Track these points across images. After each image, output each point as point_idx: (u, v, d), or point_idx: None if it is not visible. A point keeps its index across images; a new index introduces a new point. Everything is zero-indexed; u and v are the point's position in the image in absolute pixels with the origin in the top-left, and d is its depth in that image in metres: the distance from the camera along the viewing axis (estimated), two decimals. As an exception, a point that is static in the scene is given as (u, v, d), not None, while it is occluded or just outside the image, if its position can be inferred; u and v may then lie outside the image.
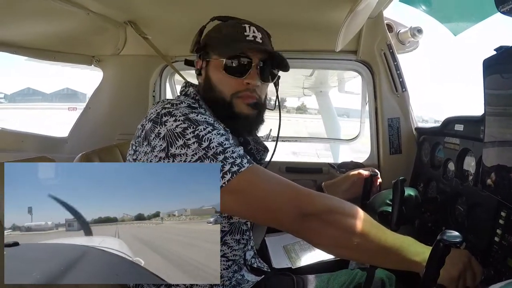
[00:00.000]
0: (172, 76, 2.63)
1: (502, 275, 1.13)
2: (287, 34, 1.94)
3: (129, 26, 2.06)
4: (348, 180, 1.73)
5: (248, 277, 1.41)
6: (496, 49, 1.10)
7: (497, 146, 1.16)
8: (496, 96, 1.15)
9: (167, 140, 1.05)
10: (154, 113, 1.12)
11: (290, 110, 56.75)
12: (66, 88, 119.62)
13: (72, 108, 39.75)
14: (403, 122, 2.14)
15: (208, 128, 1.07)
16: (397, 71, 2.12)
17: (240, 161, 1.04)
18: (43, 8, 1.66)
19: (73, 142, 2.55)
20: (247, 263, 1.47)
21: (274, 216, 1.06)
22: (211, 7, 1.34)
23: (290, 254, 1.73)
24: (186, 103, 1.15)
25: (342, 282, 1.43)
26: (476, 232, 1.33)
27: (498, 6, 0.99)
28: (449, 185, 1.60)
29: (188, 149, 1.03)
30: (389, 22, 2.20)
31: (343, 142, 3.60)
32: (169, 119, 1.08)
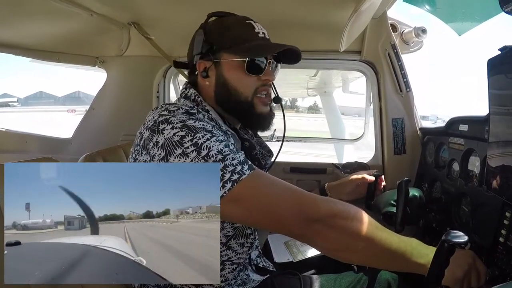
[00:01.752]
0: (176, 77, 2.63)
1: (507, 276, 1.12)
2: (291, 34, 1.94)
3: (133, 27, 2.07)
4: (353, 183, 1.73)
5: (254, 276, 1.41)
6: (500, 48, 1.10)
7: (502, 146, 1.15)
8: (501, 96, 1.14)
9: (166, 149, 1.04)
10: (151, 120, 1.10)
11: (302, 110, 56.55)
12: (77, 91, 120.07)
13: (71, 110, 40.02)
14: (407, 122, 2.14)
15: (206, 135, 1.05)
16: (401, 71, 2.11)
17: (240, 168, 1.03)
18: (46, 9, 1.67)
19: (77, 143, 2.57)
20: (252, 263, 1.47)
21: (278, 222, 1.05)
22: (214, 7, 1.33)
23: (292, 249, 1.73)
24: (183, 108, 1.13)
25: (349, 282, 1.42)
26: (480, 233, 1.32)
27: (502, 6, 0.98)
28: (453, 185, 1.60)
29: (187, 158, 1.02)
30: (393, 22, 2.19)
31: (347, 142, 3.60)
32: (166, 127, 1.06)
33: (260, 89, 1.27)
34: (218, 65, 1.26)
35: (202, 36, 1.27)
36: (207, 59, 1.26)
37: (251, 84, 1.26)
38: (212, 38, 1.26)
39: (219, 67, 1.26)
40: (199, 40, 1.27)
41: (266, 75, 1.27)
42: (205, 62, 1.26)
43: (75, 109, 37.65)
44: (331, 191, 1.76)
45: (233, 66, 1.25)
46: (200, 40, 1.27)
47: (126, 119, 2.45)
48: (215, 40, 1.26)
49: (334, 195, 1.73)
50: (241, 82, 1.25)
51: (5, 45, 2.15)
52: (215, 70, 1.26)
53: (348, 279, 1.43)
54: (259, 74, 1.26)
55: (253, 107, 1.27)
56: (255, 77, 1.26)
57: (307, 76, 5.06)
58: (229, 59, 1.24)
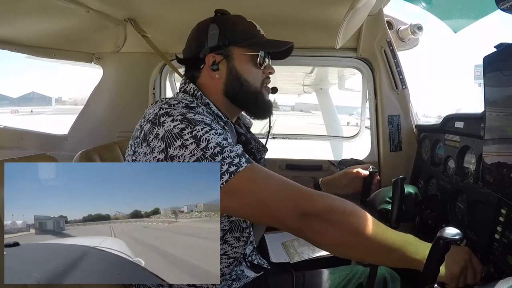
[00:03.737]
0: (172, 74, 2.62)
1: (502, 273, 1.12)
2: (287, 31, 1.94)
3: (129, 23, 2.06)
4: (347, 176, 1.74)
5: (248, 273, 1.42)
6: (496, 46, 1.10)
7: (497, 143, 1.16)
8: (497, 93, 1.14)
9: (166, 141, 1.05)
10: (152, 113, 1.12)
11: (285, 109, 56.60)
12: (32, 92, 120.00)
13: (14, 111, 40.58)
14: (403, 119, 2.14)
15: (205, 128, 1.07)
16: (397, 68, 2.11)
17: (238, 160, 1.04)
18: (43, 5, 1.66)
19: (73, 140, 2.56)
20: (247, 258, 1.48)
21: (274, 215, 1.05)
22: (210, 4, 1.33)
23: (289, 250, 1.73)
24: (183, 102, 1.15)
25: (342, 277, 1.43)
26: (476, 230, 1.33)
27: (498, 3, 0.98)
28: (449, 182, 1.60)
29: (186, 150, 1.03)
30: (389, 19, 2.19)
31: (343, 140, 3.60)
32: (166, 119, 1.08)
33: (265, 81, 1.38)
34: (229, 59, 1.31)
35: (217, 30, 1.30)
36: (218, 52, 1.30)
37: (260, 76, 1.36)
38: (226, 32, 1.30)
39: (231, 60, 1.31)
40: (214, 34, 1.30)
41: (269, 68, 1.38)
42: (216, 56, 1.30)
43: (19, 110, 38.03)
44: (325, 185, 1.77)
45: (245, 59, 1.32)
46: (215, 34, 1.30)
47: (122, 115, 2.44)
48: (228, 34, 1.30)
49: (328, 190, 1.74)
50: (252, 74, 1.34)
51: (1, 41, 2.14)
52: (226, 63, 1.31)
53: (341, 273, 1.44)
54: (264, 67, 1.36)
55: (262, 96, 1.37)
56: (262, 70, 1.36)
57: (303, 73, 5.06)
58: (242, 53, 1.32)
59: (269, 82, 1.41)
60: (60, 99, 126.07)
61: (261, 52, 1.32)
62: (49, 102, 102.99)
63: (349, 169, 1.77)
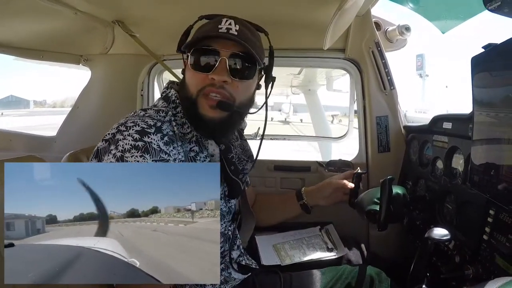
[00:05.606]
0: (160, 75, 2.60)
1: (491, 273, 1.13)
2: (275, 32, 1.93)
3: (117, 25, 2.03)
4: (331, 186, 1.74)
5: (235, 275, 1.41)
6: (484, 46, 1.10)
7: (486, 144, 1.16)
8: (485, 94, 1.15)
9: None
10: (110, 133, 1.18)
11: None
12: (10, 95, 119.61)
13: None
14: (391, 120, 2.14)
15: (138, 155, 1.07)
16: (385, 69, 2.11)
17: None
18: (30, 7, 1.65)
19: (62, 141, 2.53)
20: (234, 262, 1.46)
21: None
22: (200, 5, 1.32)
23: (280, 252, 1.72)
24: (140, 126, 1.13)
25: (330, 278, 1.44)
26: (465, 230, 1.33)
27: (486, 4, 0.99)
28: (437, 183, 1.61)
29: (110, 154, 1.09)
30: (377, 20, 2.20)
31: (331, 140, 3.60)
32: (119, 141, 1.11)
33: (207, 89, 1.19)
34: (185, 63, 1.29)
35: (184, 35, 1.32)
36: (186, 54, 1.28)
37: (197, 81, 1.21)
38: (189, 34, 1.32)
39: (185, 65, 1.30)
40: (180, 39, 1.32)
41: (215, 73, 1.18)
42: (184, 61, 1.31)
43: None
44: (308, 195, 1.77)
45: (185, 63, 1.28)
46: (180, 39, 1.32)
47: (111, 117, 2.39)
48: (189, 37, 1.31)
49: (311, 200, 1.75)
50: (189, 79, 1.24)
51: None
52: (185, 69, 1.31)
53: (329, 274, 1.45)
54: (206, 71, 1.19)
55: (196, 107, 1.21)
56: (203, 75, 1.19)
57: (291, 74, 5.07)
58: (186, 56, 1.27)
59: (216, 92, 1.19)
60: (44, 102, 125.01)
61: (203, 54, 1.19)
62: (27, 105, 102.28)
63: (334, 179, 1.77)
